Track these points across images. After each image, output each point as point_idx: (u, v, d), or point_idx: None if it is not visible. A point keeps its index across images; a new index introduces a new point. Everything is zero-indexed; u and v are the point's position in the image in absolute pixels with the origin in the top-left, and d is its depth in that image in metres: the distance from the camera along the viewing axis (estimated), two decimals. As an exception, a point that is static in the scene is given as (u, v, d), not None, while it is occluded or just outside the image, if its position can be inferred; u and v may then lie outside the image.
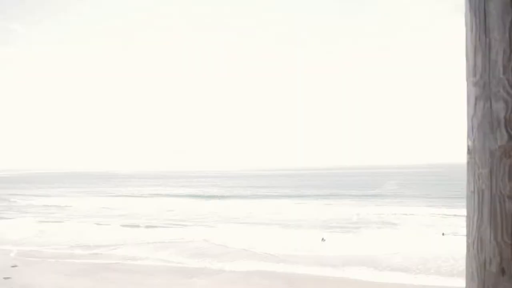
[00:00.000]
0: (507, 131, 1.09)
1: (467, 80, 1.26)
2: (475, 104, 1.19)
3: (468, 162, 1.25)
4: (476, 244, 1.19)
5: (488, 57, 1.15)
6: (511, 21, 1.09)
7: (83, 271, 18.23)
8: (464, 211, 1.31)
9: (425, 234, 26.41)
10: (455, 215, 32.92)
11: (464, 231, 1.30)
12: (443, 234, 26.12)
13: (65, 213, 40.19)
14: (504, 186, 1.09)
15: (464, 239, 1.27)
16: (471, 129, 1.22)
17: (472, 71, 1.22)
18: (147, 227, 29.84)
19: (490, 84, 1.14)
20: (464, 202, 1.32)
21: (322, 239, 22.64)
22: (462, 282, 1.55)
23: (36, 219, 34.49)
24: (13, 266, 19.02)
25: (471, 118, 1.22)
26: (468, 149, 1.24)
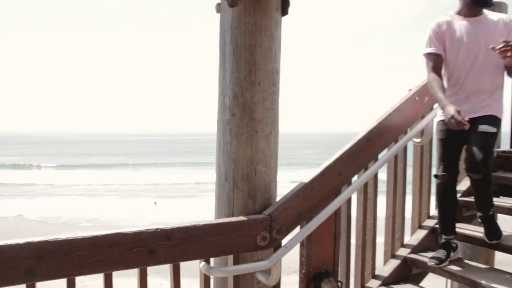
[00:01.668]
0: (230, 112, 2.25)
1: (218, 83, 2.40)
2: (219, 97, 2.35)
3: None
4: (219, 169, 2.36)
5: (224, 74, 2.30)
6: (232, 61, 2.24)
7: None
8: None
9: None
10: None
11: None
12: None
13: None
14: (227, 138, 2.27)
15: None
16: (218, 109, 2.38)
17: (219, 79, 2.36)
18: None
19: (224, 88, 2.29)
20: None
21: (155, 202, 23.57)
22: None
23: None
24: None
25: (218, 103, 2.37)
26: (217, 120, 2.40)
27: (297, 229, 2.32)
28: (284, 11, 2.35)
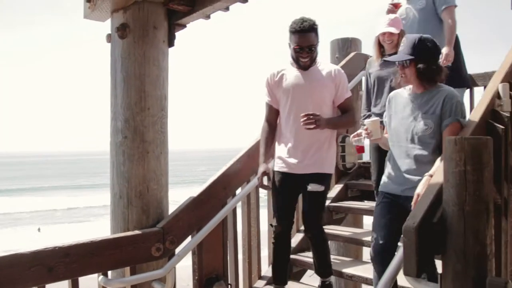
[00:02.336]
0: (122, 135, 2.44)
1: (110, 108, 2.56)
2: (111, 121, 2.52)
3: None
4: (113, 187, 2.52)
5: (116, 100, 2.48)
6: (123, 88, 2.43)
7: None
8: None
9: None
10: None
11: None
12: None
13: None
14: (120, 159, 2.45)
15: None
16: (110, 132, 2.54)
17: (110, 104, 2.53)
18: None
19: (116, 112, 2.48)
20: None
21: (38, 229, 21.88)
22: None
23: None
24: None
25: (111, 127, 2.53)
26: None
27: (188, 239, 2.57)
28: (171, 44, 2.62)
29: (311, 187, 2.42)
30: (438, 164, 1.87)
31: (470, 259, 1.38)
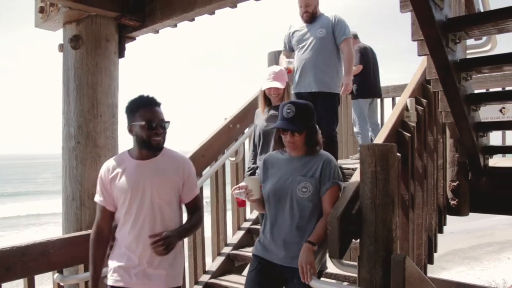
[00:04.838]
0: (75, 140, 2.58)
1: (62, 115, 2.69)
2: (64, 127, 2.65)
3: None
4: (65, 190, 2.64)
5: (68, 107, 2.62)
6: (75, 96, 2.58)
7: None
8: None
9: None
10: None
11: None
12: None
13: None
14: (73, 163, 2.59)
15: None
16: (63, 138, 2.67)
17: (63, 111, 2.66)
18: None
19: (69, 119, 2.62)
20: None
21: None
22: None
23: None
24: None
25: (63, 133, 2.66)
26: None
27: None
28: (121, 55, 2.80)
29: None
30: (319, 229, 1.88)
31: (380, 242, 1.72)
